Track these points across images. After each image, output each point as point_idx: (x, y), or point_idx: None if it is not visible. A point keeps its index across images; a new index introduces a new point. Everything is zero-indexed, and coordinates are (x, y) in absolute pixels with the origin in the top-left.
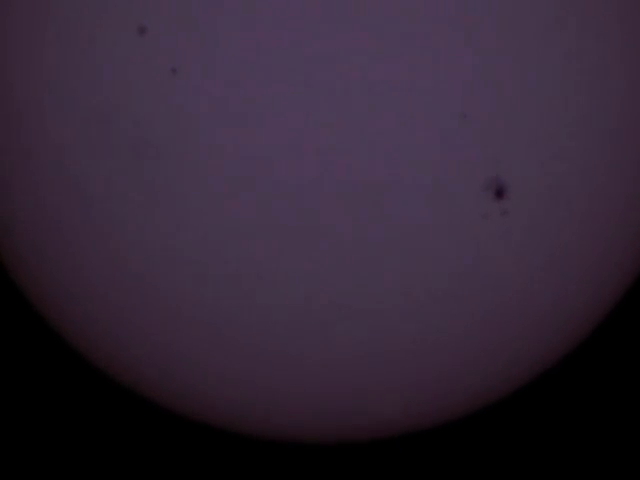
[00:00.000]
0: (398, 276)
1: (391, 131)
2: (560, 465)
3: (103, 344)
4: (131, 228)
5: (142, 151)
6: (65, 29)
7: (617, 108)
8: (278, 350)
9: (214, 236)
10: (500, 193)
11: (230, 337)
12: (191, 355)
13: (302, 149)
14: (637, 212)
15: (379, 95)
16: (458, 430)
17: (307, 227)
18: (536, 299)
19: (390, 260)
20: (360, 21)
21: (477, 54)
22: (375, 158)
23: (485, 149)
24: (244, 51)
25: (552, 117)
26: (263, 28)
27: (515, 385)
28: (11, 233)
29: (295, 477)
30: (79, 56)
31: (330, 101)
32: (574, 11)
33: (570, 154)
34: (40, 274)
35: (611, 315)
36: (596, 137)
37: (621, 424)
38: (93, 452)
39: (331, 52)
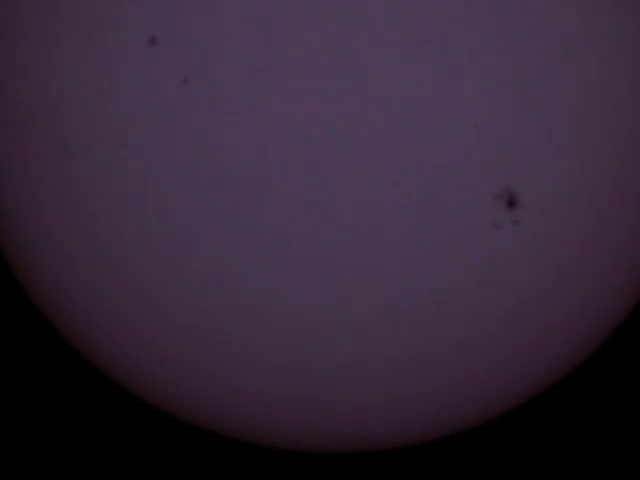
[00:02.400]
0: (408, 286)
1: (403, 141)
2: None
3: (105, 347)
4: (130, 232)
5: (151, 161)
6: (76, 39)
7: (629, 120)
8: (279, 358)
9: (216, 244)
10: (511, 203)
11: (231, 345)
12: (193, 363)
13: (312, 158)
14: None
15: (392, 106)
16: (460, 443)
17: (314, 235)
18: (547, 308)
19: (401, 270)
20: (374, 32)
21: (489, 65)
22: (387, 168)
23: (496, 159)
24: (255, 61)
25: (563, 128)
26: (275, 40)
27: (524, 397)
28: (13, 231)
29: None
30: (89, 66)
31: (342, 111)
32: (587, 27)
33: (581, 164)
34: (47, 281)
35: (622, 324)
36: (607, 148)
37: (626, 440)
38: (93, 455)
39: (346, 64)
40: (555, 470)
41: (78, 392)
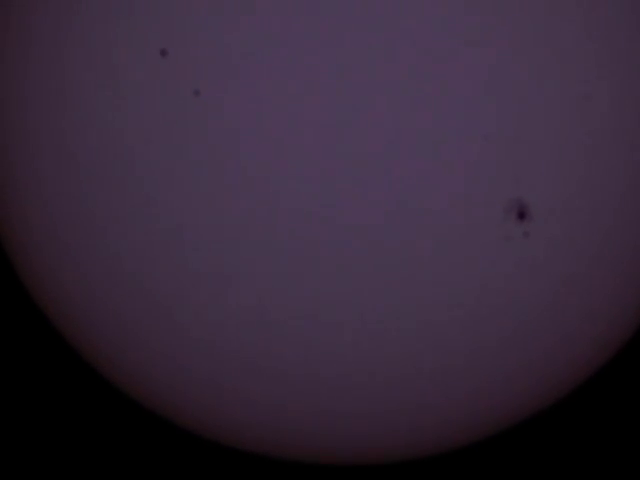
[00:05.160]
0: (419, 298)
1: (413, 153)
2: None
3: (105, 351)
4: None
5: (161, 172)
6: (87, 51)
7: None
8: (284, 367)
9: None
10: (522, 215)
11: (234, 352)
12: (197, 371)
13: (322, 170)
14: None
15: (401, 118)
16: (465, 456)
17: (321, 245)
18: (558, 321)
19: (411, 282)
20: (384, 43)
21: (499, 76)
22: (396, 180)
23: (507, 171)
24: (266, 72)
25: (574, 139)
26: (287, 52)
27: (531, 410)
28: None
29: None
30: (100, 78)
31: (352, 123)
32: (596, 34)
33: (592, 176)
34: (56, 291)
35: (633, 336)
36: (618, 159)
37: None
38: (91, 458)
39: (357, 76)
40: None
41: (77, 394)
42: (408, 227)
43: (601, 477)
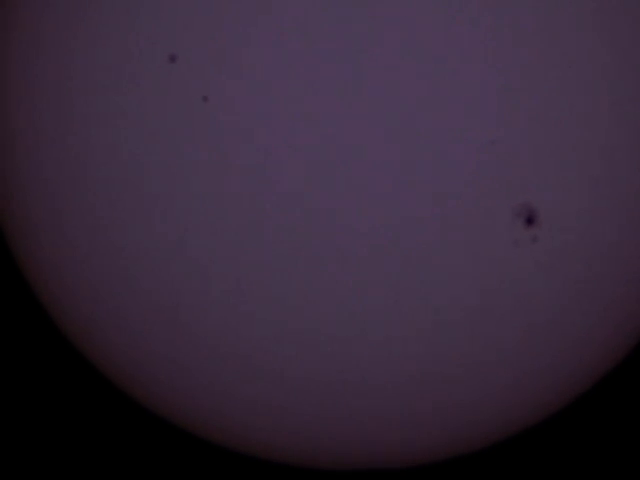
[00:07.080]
0: (428, 302)
1: (421, 158)
2: None
3: (108, 351)
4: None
5: (169, 177)
6: (95, 55)
7: None
8: (290, 371)
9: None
10: (530, 220)
11: (241, 355)
12: (207, 378)
13: (330, 177)
14: None
15: (409, 123)
16: (469, 463)
17: (330, 250)
18: (565, 325)
19: (421, 287)
20: (391, 50)
21: (506, 81)
22: (406, 187)
23: (515, 176)
24: (274, 78)
25: (582, 144)
26: (294, 57)
27: (540, 415)
28: (28, 239)
29: None
30: (109, 83)
31: (360, 130)
32: (604, 38)
33: (600, 181)
34: (66, 298)
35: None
36: (626, 164)
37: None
38: (91, 459)
39: (364, 82)
40: None
41: (79, 393)
42: (416, 231)
43: None
